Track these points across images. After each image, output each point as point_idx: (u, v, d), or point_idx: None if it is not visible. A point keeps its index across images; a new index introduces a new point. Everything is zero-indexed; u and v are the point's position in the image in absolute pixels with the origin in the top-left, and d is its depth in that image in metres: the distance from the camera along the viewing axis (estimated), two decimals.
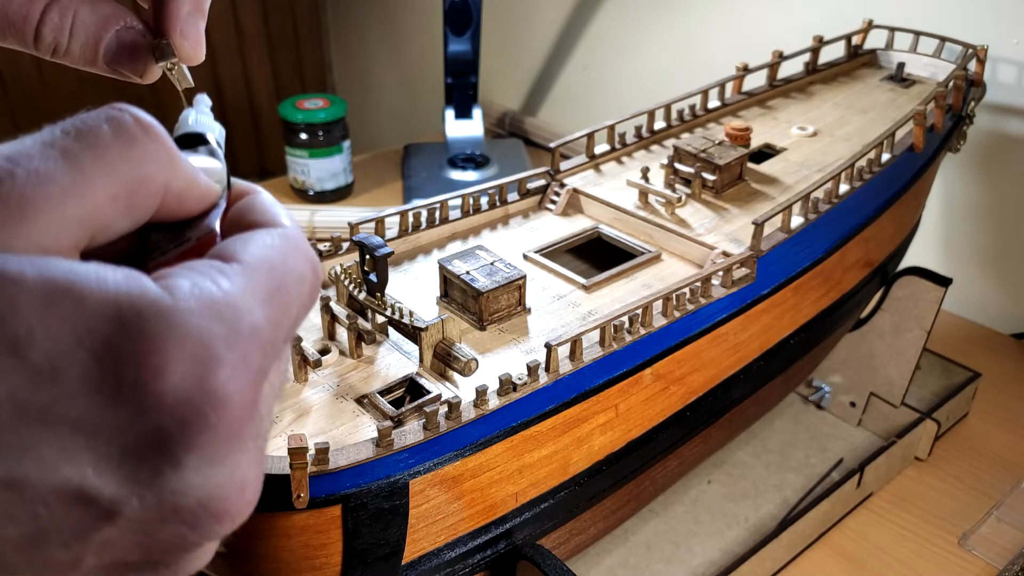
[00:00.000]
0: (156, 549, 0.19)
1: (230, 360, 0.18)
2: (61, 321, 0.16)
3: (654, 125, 0.70)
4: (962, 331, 0.89)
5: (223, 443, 0.18)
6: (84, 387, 0.17)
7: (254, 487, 0.20)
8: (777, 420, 0.74)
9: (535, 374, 0.43)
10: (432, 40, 1.43)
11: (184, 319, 0.17)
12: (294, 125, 1.09)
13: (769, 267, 0.54)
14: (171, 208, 0.22)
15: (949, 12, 0.84)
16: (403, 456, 0.39)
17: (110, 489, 0.17)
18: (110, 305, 0.17)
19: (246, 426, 0.19)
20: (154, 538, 0.19)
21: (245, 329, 0.19)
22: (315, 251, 0.23)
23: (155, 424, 0.17)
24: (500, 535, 0.45)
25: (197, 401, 0.18)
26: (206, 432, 0.18)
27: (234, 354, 0.18)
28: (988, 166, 0.87)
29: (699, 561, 0.60)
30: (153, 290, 0.17)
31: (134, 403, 0.17)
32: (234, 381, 0.18)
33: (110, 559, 0.19)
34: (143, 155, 0.20)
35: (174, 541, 0.19)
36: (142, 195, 0.20)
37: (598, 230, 0.61)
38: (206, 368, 0.18)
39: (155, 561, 0.19)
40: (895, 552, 0.63)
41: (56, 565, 0.18)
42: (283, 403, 0.42)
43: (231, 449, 0.19)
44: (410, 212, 0.58)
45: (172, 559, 0.20)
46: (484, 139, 1.21)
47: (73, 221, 0.19)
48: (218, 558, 0.33)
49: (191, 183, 0.22)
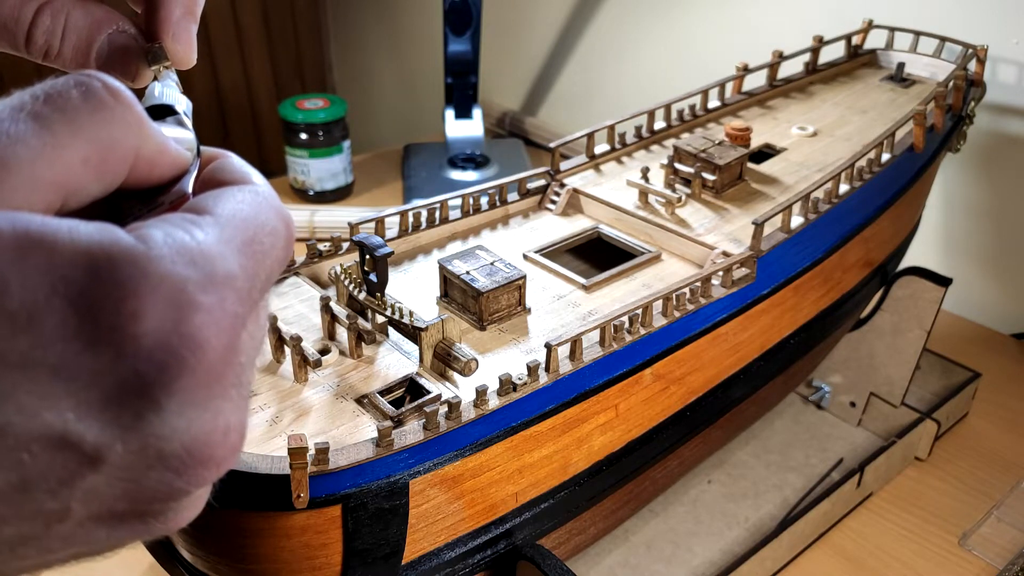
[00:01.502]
0: (143, 498, 0.19)
1: (206, 304, 0.18)
2: (35, 270, 0.17)
3: (654, 125, 0.70)
4: (962, 331, 0.89)
5: (203, 387, 0.19)
6: (61, 334, 0.17)
7: (238, 433, 0.20)
8: (777, 420, 0.74)
9: (535, 374, 0.43)
10: (432, 40, 1.43)
11: (158, 266, 0.18)
12: (294, 125, 1.09)
13: (769, 267, 0.54)
14: (142, 173, 0.22)
15: (949, 12, 0.84)
16: (403, 456, 0.39)
17: (92, 434, 0.17)
18: (83, 254, 0.17)
19: (226, 371, 0.19)
20: (141, 486, 0.19)
21: (220, 275, 0.19)
22: (287, 211, 0.24)
23: (134, 368, 0.17)
24: (500, 535, 0.45)
25: (175, 344, 0.18)
26: (185, 375, 0.18)
27: (210, 299, 0.18)
28: (988, 166, 0.87)
29: (699, 561, 0.60)
30: (126, 239, 0.18)
31: (112, 348, 0.17)
32: (211, 325, 0.18)
33: (98, 508, 0.19)
34: (112, 119, 0.20)
35: (161, 489, 0.19)
36: (113, 159, 0.20)
37: (598, 230, 0.61)
38: (182, 312, 0.18)
39: (143, 511, 0.20)
40: (895, 552, 0.63)
41: (45, 515, 0.18)
42: (283, 403, 0.42)
43: (212, 394, 0.19)
44: (410, 212, 0.58)
45: (160, 509, 0.20)
46: (484, 139, 1.21)
47: (44, 183, 0.19)
48: (215, 557, 0.34)
49: (161, 148, 0.22)
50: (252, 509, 0.37)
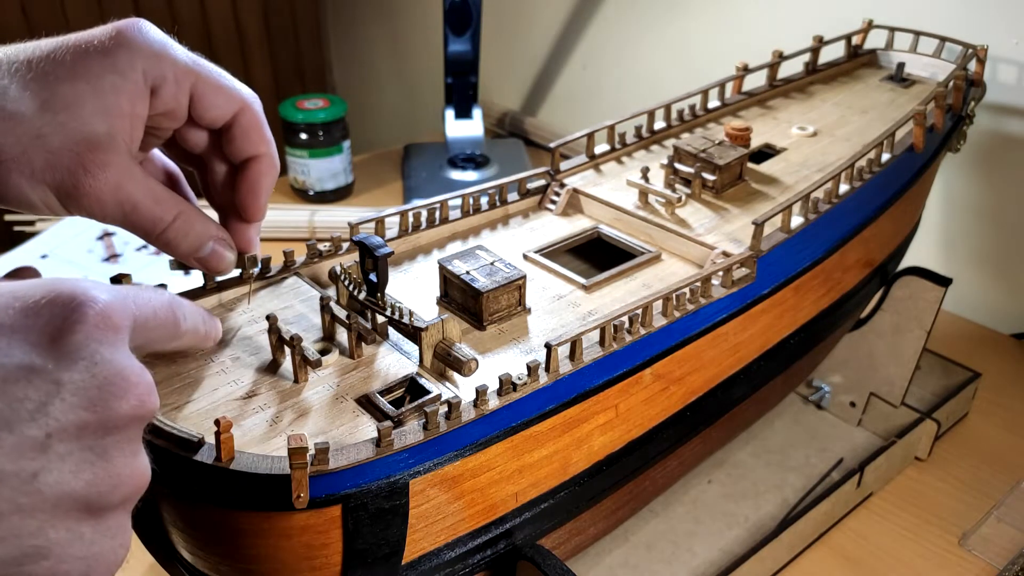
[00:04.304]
0: (99, 425, 0.29)
1: (91, 285, 0.30)
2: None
3: (654, 125, 0.70)
4: (962, 331, 0.89)
5: (110, 331, 0.29)
6: (10, 312, 0.28)
7: (148, 379, 0.30)
8: (777, 420, 0.74)
9: (535, 374, 0.43)
10: (432, 40, 1.43)
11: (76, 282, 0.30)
12: (294, 125, 1.09)
13: (769, 267, 0.54)
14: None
15: (949, 12, 0.84)
16: (403, 456, 0.39)
17: (48, 363, 0.28)
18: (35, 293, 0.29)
19: (120, 321, 0.30)
20: (93, 412, 0.28)
21: (100, 284, 0.31)
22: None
23: (52, 318, 0.28)
24: (500, 535, 0.45)
25: (77, 299, 0.29)
26: (85, 319, 0.29)
27: (94, 287, 0.30)
28: (988, 166, 0.87)
29: (699, 561, 0.60)
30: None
31: (41, 315, 0.28)
32: (95, 291, 0.30)
33: (68, 436, 0.28)
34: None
35: (110, 415, 0.29)
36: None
37: (598, 230, 0.61)
38: (76, 290, 0.29)
39: (104, 445, 0.29)
40: (895, 552, 0.63)
41: (28, 446, 0.27)
42: (283, 403, 0.42)
43: (119, 338, 0.30)
44: (410, 212, 0.58)
45: (115, 438, 0.29)
46: (484, 139, 1.21)
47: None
48: (215, 557, 0.34)
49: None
50: (252, 509, 0.37)
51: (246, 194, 0.45)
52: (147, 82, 0.39)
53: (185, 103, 0.42)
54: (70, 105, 0.37)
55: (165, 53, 0.40)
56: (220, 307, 0.49)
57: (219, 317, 0.48)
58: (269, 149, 0.45)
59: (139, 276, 0.94)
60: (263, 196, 0.46)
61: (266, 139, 0.45)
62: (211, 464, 0.36)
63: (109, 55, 0.38)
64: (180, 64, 0.40)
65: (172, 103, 0.41)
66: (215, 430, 0.36)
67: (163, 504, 0.40)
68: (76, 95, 0.37)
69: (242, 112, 0.44)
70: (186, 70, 0.41)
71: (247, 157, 0.45)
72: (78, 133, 0.37)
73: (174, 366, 0.44)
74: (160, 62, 0.39)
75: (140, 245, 1.01)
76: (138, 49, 0.39)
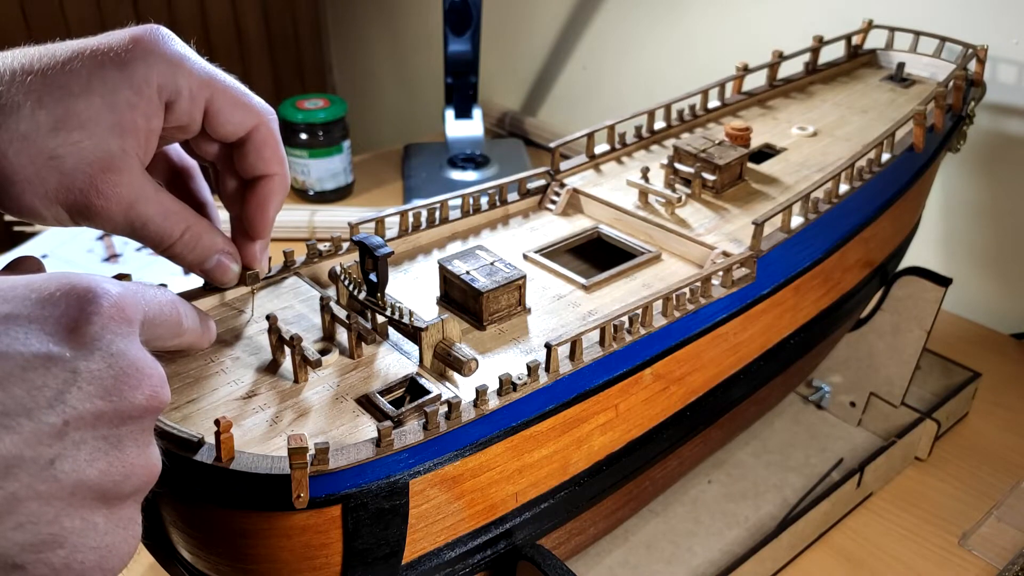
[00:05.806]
0: (114, 414, 0.29)
1: (103, 279, 0.31)
2: (14, 290, 0.29)
3: (654, 125, 0.70)
4: (962, 331, 0.89)
5: (124, 323, 0.30)
6: (27, 303, 0.28)
7: (160, 371, 0.31)
8: (777, 420, 0.74)
9: (535, 374, 0.43)
10: (432, 40, 1.43)
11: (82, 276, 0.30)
12: (294, 125, 1.09)
13: (769, 267, 0.54)
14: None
15: (949, 12, 0.84)
16: (403, 456, 0.39)
17: (66, 352, 0.28)
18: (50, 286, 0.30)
19: (133, 314, 0.31)
20: (109, 401, 0.29)
21: (109, 279, 0.31)
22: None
23: (68, 308, 0.29)
24: (500, 535, 0.45)
25: (93, 291, 0.30)
26: (100, 311, 0.29)
27: (107, 281, 0.31)
28: (988, 166, 0.87)
29: (699, 561, 0.60)
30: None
31: (58, 305, 0.29)
32: (108, 284, 0.30)
33: (85, 424, 0.28)
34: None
35: (124, 404, 0.29)
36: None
37: (598, 230, 0.61)
38: (91, 283, 0.30)
39: (118, 435, 0.29)
40: (895, 552, 0.63)
41: (46, 433, 0.27)
42: (283, 403, 0.42)
43: (132, 330, 0.30)
44: (410, 212, 0.58)
45: (129, 428, 0.30)
46: (484, 139, 1.21)
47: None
48: (215, 557, 0.34)
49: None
50: (252, 509, 0.37)
51: (254, 211, 0.45)
52: (162, 97, 0.39)
53: (199, 117, 0.41)
54: (84, 124, 0.37)
55: (182, 65, 0.39)
56: (221, 307, 0.49)
57: (219, 318, 0.48)
58: (281, 169, 0.45)
59: (139, 276, 0.94)
60: (271, 215, 0.45)
61: (279, 158, 0.44)
62: (211, 464, 0.37)
63: (125, 68, 0.37)
64: (196, 77, 0.40)
65: (186, 118, 0.41)
66: (215, 430, 0.36)
67: (163, 504, 0.40)
68: (91, 112, 0.37)
69: (257, 129, 0.43)
70: (202, 84, 0.40)
71: (258, 175, 0.45)
72: (91, 154, 0.37)
73: (174, 366, 0.44)
74: (176, 75, 0.39)
75: (140, 246, 1.01)
76: (154, 62, 0.38)
